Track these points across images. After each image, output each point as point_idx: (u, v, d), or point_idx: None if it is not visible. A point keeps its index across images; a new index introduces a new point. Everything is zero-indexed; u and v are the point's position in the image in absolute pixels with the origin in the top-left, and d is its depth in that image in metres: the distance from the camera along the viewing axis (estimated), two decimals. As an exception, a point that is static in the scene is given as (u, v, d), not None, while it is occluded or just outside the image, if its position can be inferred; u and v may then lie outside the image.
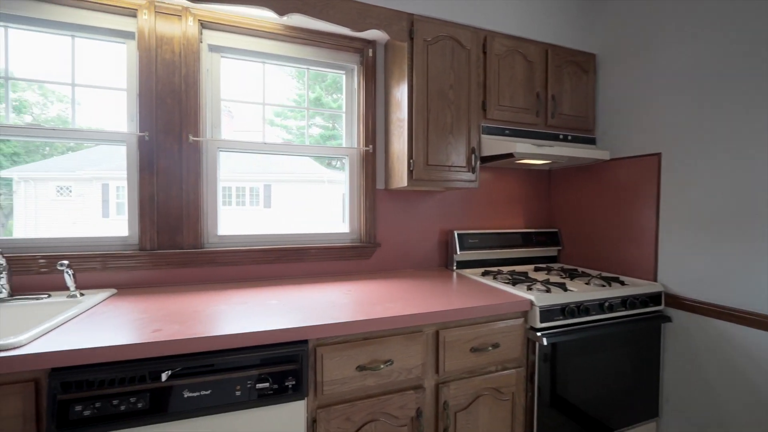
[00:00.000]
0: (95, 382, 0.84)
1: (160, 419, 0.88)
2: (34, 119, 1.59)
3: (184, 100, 1.49)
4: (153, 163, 1.46)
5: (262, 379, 0.95)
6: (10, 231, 1.64)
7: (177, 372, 0.89)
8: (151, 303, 1.21)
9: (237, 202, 5.50)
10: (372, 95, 1.76)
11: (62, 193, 3.83)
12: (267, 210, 7.05)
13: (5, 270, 1.22)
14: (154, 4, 1.43)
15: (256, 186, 6.82)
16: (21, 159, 1.73)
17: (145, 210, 1.46)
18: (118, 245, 1.47)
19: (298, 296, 1.32)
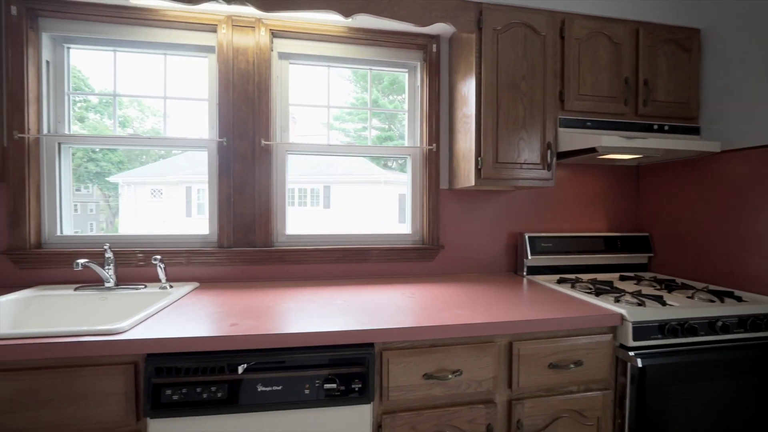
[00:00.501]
0: (182, 369, 0.91)
1: (236, 410, 0.93)
2: (134, 131, 1.81)
3: (257, 107, 1.57)
4: (230, 166, 1.56)
5: (330, 380, 0.95)
6: (117, 227, 1.87)
7: (252, 366, 0.93)
8: (228, 297, 1.29)
9: (299, 203, 5.78)
10: (435, 92, 1.70)
11: (155, 195, 4.35)
12: (326, 210, 7.33)
13: (112, 262, 1.39)
14: (231, 18, 1.53)
15: (317, 187, 7.13)
16: (125, 166, 1.98)
17: (223, 210, 1.57)
18: (200, 242, 1.60)
19: (362, 297, 1.31)
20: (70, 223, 1.58)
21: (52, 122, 1.53)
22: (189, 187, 5.02)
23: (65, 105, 1.56)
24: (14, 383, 0.87)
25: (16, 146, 1.43)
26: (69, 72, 1.57)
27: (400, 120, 3.40)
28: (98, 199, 1.91)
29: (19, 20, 1.43)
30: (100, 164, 1.83)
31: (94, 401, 0.90)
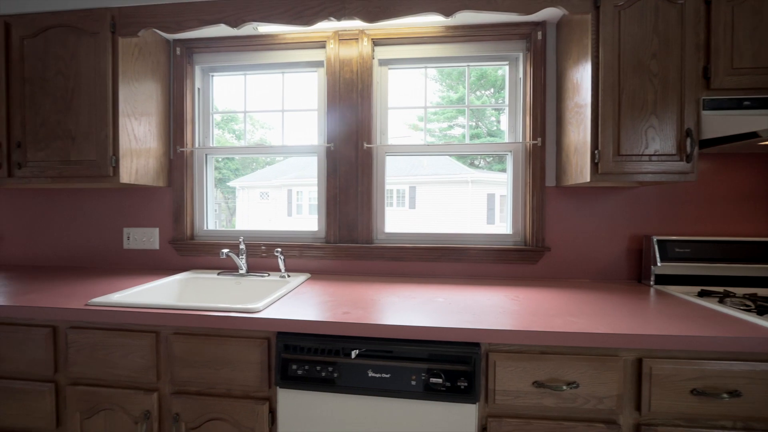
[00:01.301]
0: (305, 348, 1.03)
1: (349, 391, 1.01)
2: (246, 142, 2.10)
3: (360, 112, 1.68)
4: (336, 168, 1.71)
5: (435, 374, 0.97)
6: (234, 225, 2.18)
7: (363, 352, 1.00)
8: (336, 288, 1.41)
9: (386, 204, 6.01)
10: (540, 83, 1.59)
11: (263, 197, 4.98)
12: (411, 211, 7.41)
13: (244, 253, 1.65)
14: (338, 33, 1.67)
15: (402, 188, 7.26)
16: (240, 173, 2.31)
17: (330, 209, 1.72)
18: (310, 238, 1.78)
19: (462, 296, 1.30)
20: (212, 219, 1.92)
21: (201, 137, 1.88)
22: (290, 190, 5.62)
23: (210, 123, 1.90)
24: (184, 344, 1.10)
25: (178, 158, 1.80)
26: (213, 96, 1.91)
27: (488, 116, 3.26)
28: (220, 201, 2.26)
29: (181, 58, 1.79)
30: (222, 171, 2.17)
31: (238, 367, 1.07)
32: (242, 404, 1.07)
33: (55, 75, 1.49)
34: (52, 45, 1.49)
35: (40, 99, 1.50)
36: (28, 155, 1.52)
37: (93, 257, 1.87)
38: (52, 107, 1.50)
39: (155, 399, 1.12)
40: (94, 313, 1.12)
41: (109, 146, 1.47)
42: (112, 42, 1.47)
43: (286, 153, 1.87)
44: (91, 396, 1.14)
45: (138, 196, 1.84)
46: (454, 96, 4.69)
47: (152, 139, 1.68)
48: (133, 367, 1.12)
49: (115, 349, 1.13)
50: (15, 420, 1.19)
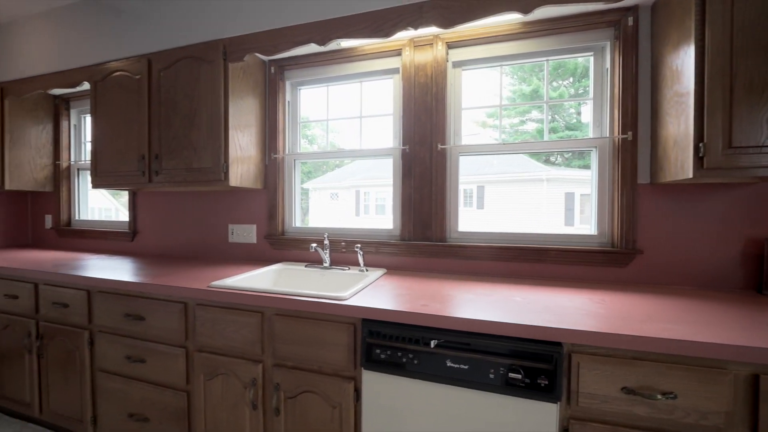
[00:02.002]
0: (387, 335, 1.12)
1: (427, 378, 1.08)
2: (319, 147, 2.28)
3: (434, 115, 1.74)
4: (411, 170, 1.79)
5: (514, 370, 0.99)
6: (307, 223, 2.35)
7: (442, 343, 1.06)
8: (412, 283, 1.49)
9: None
10: (631, 72, 1.48)
11: (333, 197, 5.28)
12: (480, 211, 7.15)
13: (328, 248, 1.81)
14: (413, 41, 1.75)
15: (469, 188, 7.04)
16: (312, 175, 2.49)
17: (405, 208, 1.81)
18: (386, 236, 1.89)
19: (540, 297, 1.28)
20: (300, 217, 2.14)
21: (290, 144, 2.11)
22: (358, 191, 5.86)
23: (297, 132, 2.13)
24: (284, 324, 1.27)
25: (272, 163, 2.05)
26: (300, 107, 2.13)
27: (567, 108, 3.03)
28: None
29: (274, 75, 2.04)
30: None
31: (328, 347, 1.21)
32: (331, 381, 1.21)
33: (183, 98, 1.82)
34: (181, 73, 1.83)
35: (171, 118, 1.85)
36: (162, 164, 1.88)
37: (205, 248, 2.22)
38: (180, 124, 1.83)
39: (260, 369, 1.32)
40: (214, 294, 1.36)
41: (221, 155, 1.75)
42: (224, 67, 1.75)
43: (364, 156, 2.00)
44: (211, 362, 1.39)
45: (240, 197, 2.14)
46: (527, 89, 4.34)
47: (252, 147, 1.95)
48: (243, 341, 1.34)
49: (229, 325, 1.36)
50: (158, 375, 1.49)
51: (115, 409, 1.59)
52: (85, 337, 1.65)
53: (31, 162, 2.56)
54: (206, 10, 1.80)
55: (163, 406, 1.48)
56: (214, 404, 1.39)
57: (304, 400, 1.25)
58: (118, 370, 1.58)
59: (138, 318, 1.51)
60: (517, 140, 1.89)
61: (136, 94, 1.92)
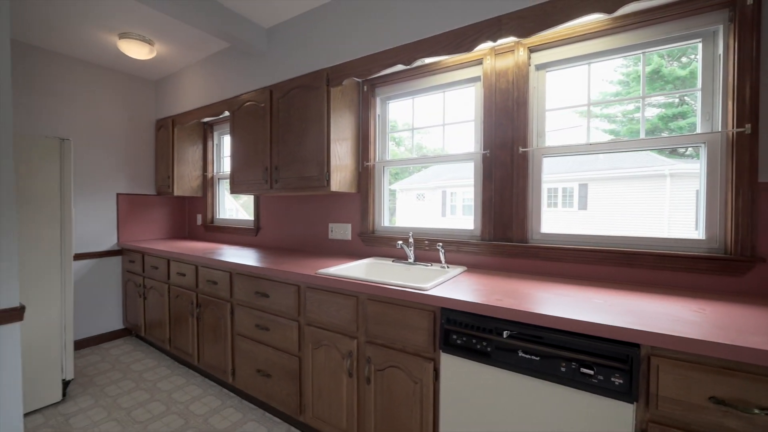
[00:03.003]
0: (463, 323, 1.26)
1: (499, 365, 1.18)
2: (405, 149, 2.45)
3: (515, 119, 1.79)
4: (491, 173, 1.86)
5: (586, 365, 1.02)
6: (394, 223, 2.50)
7: (514, 334, 1.15)
8: (489, 280, 1.58)
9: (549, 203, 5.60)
10: (750, 57, 1.31)
11: (419, 198, 5.44)
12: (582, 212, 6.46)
13: (412, 246, 2.01)
14: (494, 49, 1.82)
15: (570, 186, 6.41)
16: (399, 176, 2.67)
17: (485, 209, 1.89)
18: (467, 236, 1.99)
19: (626, 301, 1.25)
20: (388, 218, 2.38)
21: (379, 153, 2.37)
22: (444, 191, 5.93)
23: (386, 141, 2.37)
24: (374, 308, 1.50)
25: (364, 170, 2.34)
26: (388, 119, 2.37)
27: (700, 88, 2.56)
28: None
29: (367, 93, 2.32)
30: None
31: (411, 330, 1.40)
32: (413, 359, 1.39)
33: (296, 120, 2.22)
34: (294, 100, 2.23)
35: (287, 136, 2.27)
36: (280, 174, 2.32)
37: (310, 243, 2.64)
38: (293, 141, 2.24)
39: (355, 344, 1.57)
40: (320, 279, 1.67)
41: (324, 165, 2.09)
42: (326, 92, 2.09)
43: (447, 161, 2.14)
44: (317, 334, 1.70)
45: (338, 200, 2.48)
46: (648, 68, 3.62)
47: (348, 157, 2.26)
48: (342, 319, 1.61)
49: (332, 305, 1.65)
50: (278, 342, 1.88)
51: (247, 365, 2.05)
52: (228, 308, 2.16)
53: (189, 174, 3.36)
54: (313, 47, 2.17)
55: (281, 366, 1.87)
56: (318, 369, 1.71)
57: (391, 374, 1.46)
58: (250, 335, 2.03)
59: (264, 295, 1.93)
60: (627, 138, 1.79)
61: (261, 118, 2.41)
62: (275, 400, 1.91)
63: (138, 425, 1.94)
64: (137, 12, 2.27)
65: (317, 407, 1.72)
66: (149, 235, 3.47)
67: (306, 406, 1.77)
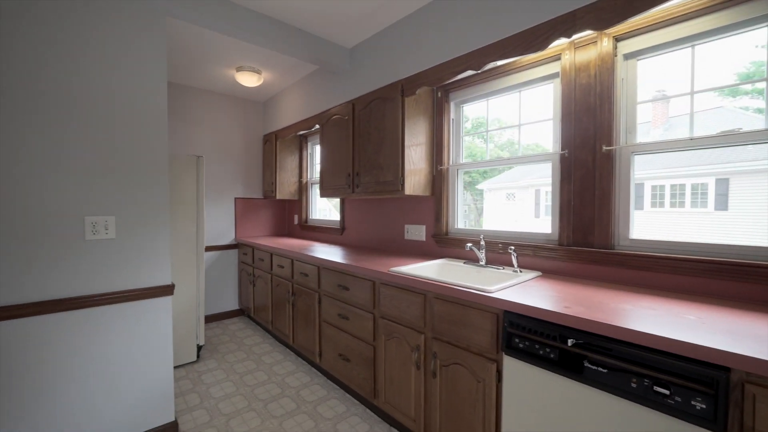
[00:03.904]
0: (526, 327, 1.26)
1: (563, 372, 1.15)
2: (496, 147, 2.42)
3: (598, 116, 1.66)
4: (570, 174, 1.76)
5: (661, 384, 0.95)
6: (481, 224, 2.53)
7: (579, 343, 1.11)
8: (564, 287, 1.52)
9: (669, 203, 4.88)
10: None
11: (509, 198, 5.22)
12: (721, 213, 5.39)
13: (484, 248, 2.01)
14: (573, 43, 1.72)
15: (704, 182, 5.37)
16: (488, 175, 2.62)
17: (563, 213, 1.80)
18: (543, 239, 1.92)
19: (727, 320, 1.09)
20: (461, 220, 2.41)
21: (454, 156, 2.41)
22: (538, 189, 5.57)
23: (460, 144, 2.41)
24: (441, 306, 1.58)
25: (438, 174, 2.41)
26: (462, 123, 2.40)
27: None
28: (469, 202, 2.62)
29: (441, 99, 2.39)
30: (471, 175, 2.54)
31: (475, 330, 1.44)
32: (477, 359, 1.43)
33: (374, 129, 2.42)
34: (372, 111, 2.43)
35: (366, 145, 2.49)
36: (361, 179, 2.54)
37: (388, 243, 2.82)
38: (372, 149, 2.44)
39: (423, 339, 1.68)
40: (392, 277, 1.81)
41: (399, 171, 2.24)
42: (401, 102, 2.23)
43: (522, 163, 2.08)
44: (389, 327, 1.86)
45: (413, 203, 2.60)
46: None
47: (422, 161, 2.36)
48: (411, 315, 1.73)
49: (402, 301, 1.78)
50: (356, 331, 2.10)
51: (331, 349, 2.32)
52: (316, 297, 2.46)
53: (288, 180, 3.88)
54: (388, 61, 2.34)
55: (358, 353, 2.08)
56: (390, 359, 1.86)
57: (455, 370, 1.52)
58: (333, 322, 2.30)
59: (345, 288, 2.16)
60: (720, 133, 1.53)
61: (345, 129, 2.68)
62: (353, 383, 2.12)
63: (247, 388, 2.37)
64: (250, 50, 2.76)
65: (389, 393, 1.87)
66: (258, 232, 4.11)
67: (379, 392, 1.94)
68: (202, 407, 2.16)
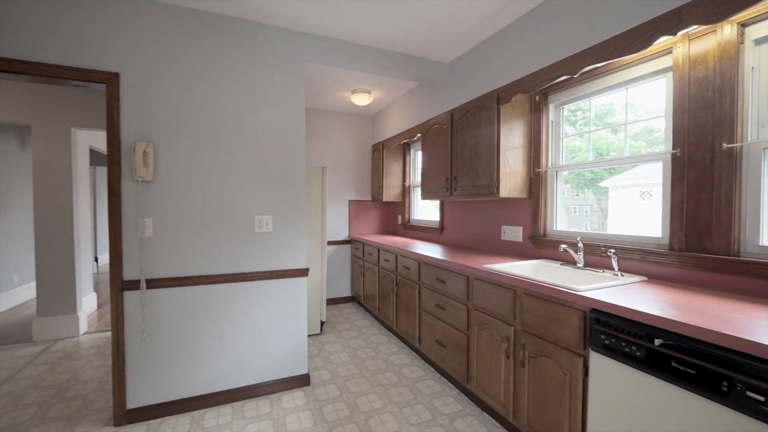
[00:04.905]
0: (612, 325, 1.31)
1: (650, 371, 1.18)
2: (632, 138, 2.31)
3: (717, 111, 1.53)
4: (683, 174, 1.66)
5: (756, 390, 0.94)
6: (606, 228, 2.24)
7: (667, 343, 1.14)
8: (667, 293, 1.47)
9: None
10: None
11: (644, 197, 4.63)
12: None
13: (581, 251, 2.01)
14: (687, 34, 1.61)
15: None
16: (616, 170, 2.30)
17: (675, 215, 1.70)
18: (652, 244, 1.82)
19: None
20: (562, 221, 2.40)
21: (552, 158, 2.42)
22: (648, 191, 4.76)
23: (560, 146, 2.40)
24: (529, 301, 1.70)
25: (535, 176, 2.45)
26: (562, 124, 2.39)
27: None
28: (592, 202, 2.45)
29: (539, 102, 2.43)
30: (594, 171, 2.36)
31: (562, 325, 1.53)
32: (564, 353, 1.52)
33: (470, 137, 2.61)
34: (469, 120, 2.62)
35: (463, 151, 2.69)
36: (458, 183, 2.75)
37: (484, 243, 2.95)
38: (468, 155, 2.63)
39: (512, 331, 1.82)
40: (485, 273, 1.99)
41: (494, 174, 2.38)
42: (497, 110, 2.36)
43: (629, 163, 2.00)
44: (481, 318, 2.04)
45: (509, 205, 2.69)
46: None
47: (518, 164, 2.45)
48: (501, 308, 1.89)
49: (493, 295, 1.95)
50: (451, 320, 2.33)
51: (429, 335, 2.60)
52: (416, 288, 2.78)
53: (393, 184, 4.32)
54: (484, 72, 2.50)
55: (453, 340, 2.30)
56: (482, 347, 2.04)
57: (542, 362, 1.63)
58: (431, 311, 2.57)
59: (442, 281, 2.42)
60: None
61: (444, 137, 2.93)
62: (448, 367, 2.36)
63: (359, 360, 2.84)
64: (363, 76, 3.25)
65: (480, 379, 2.06)
66: (367, 230, 4.67)
67: (471, 377, 2.13)
68: (325, 368, 2.70)
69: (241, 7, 2.12)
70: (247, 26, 2.26)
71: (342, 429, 1.97)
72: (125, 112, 2.00)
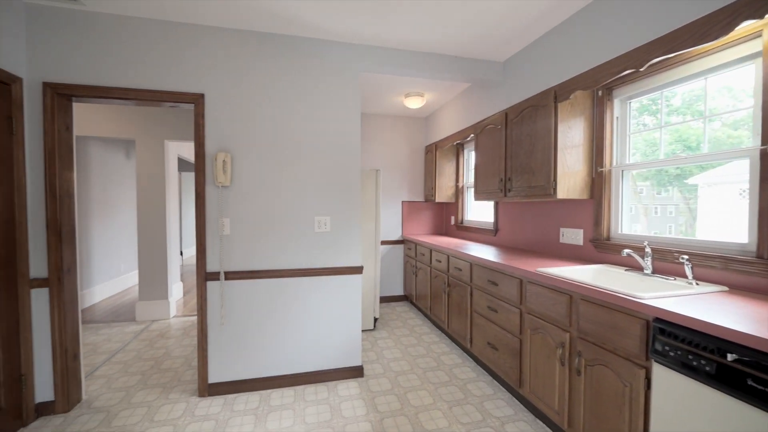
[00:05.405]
0: (678, 336, 1.23)
1: (722, 389, 1.09)
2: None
3: (820, 99, 1.34)
4: (774, 173, 1.47)
5: None
6: (694, 232, 1.90)
7: (742, 359, 1.05)
8: (748, 305, 1.33)
9: None
10: None
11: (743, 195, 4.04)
12: None
13: (650, 256, 1.87)
14: (783, 14, 1.43)
15: None
16: (710, 165, 1.85)
17: (764, 219, 1.51)
18: (736, 250, 1.64)
19: None
20: (627, 224, 2.24)
21: (618, 156, 2.27)
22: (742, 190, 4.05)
23: (626, 143, 2.24)
24: (587, 307, 1.64)
25: (598, 176, 2.32)
26: (629, 120, 2.23)
27: None
28: (678, 202, 2.11)
29: (602, 98, 2.29)
30: (680, 167, 2.05)
31: (622, 333, 1.46)
32: (623, 363, 1.45)
33: (525, 136, 2.54)
34: (524, 119, 2.56)
35: (518, 151, 2.63)
36: (513, 184, 2.70)
37: (541, 245, 2.85)
38: (523, 154, 2.57)
39: (567, 337, 1.76)
40: (539, 276, 1.95)
41: (551, 174, 2.30)
42: (554, 107, 2.28)
43: (708, 161, 1.81)
44: (534, 322, 1.99)
45: (568, 206, 2.57)
46: None
47: (578, 164, 2.33)
48: (556, 312, 1.83)
49: (547, 299, 1.90)
50: (503, 323, 2.30)
51: (481, 337, 2.59)
52: (468, 290, 2.78)
53: (445, 185, 4.32)
54: (540, 69, 2.42)
55: (505, 343, 2.28)
56: (535, 352, 2.00)
57: (600, 371, 1.56)
58: (483, 313, 2.56)
59: (494, 283, 2.40)
60: None
61: (498, 137, 2.89)
62: (500, 370, 2.34)
63: (410, 357, 2.92)
64: (416, 79, 3.33)
65: (533, 384, 2.01)
66: (419, 230, 4.73)
67: (524, 382, 2.09)
68: (378, 362, 2.82)
69: (299, 27, 2.33)
70: (305, 43, 2.47)
71: (393, 420, 2.07)
72: (208, 126, 2.31)
